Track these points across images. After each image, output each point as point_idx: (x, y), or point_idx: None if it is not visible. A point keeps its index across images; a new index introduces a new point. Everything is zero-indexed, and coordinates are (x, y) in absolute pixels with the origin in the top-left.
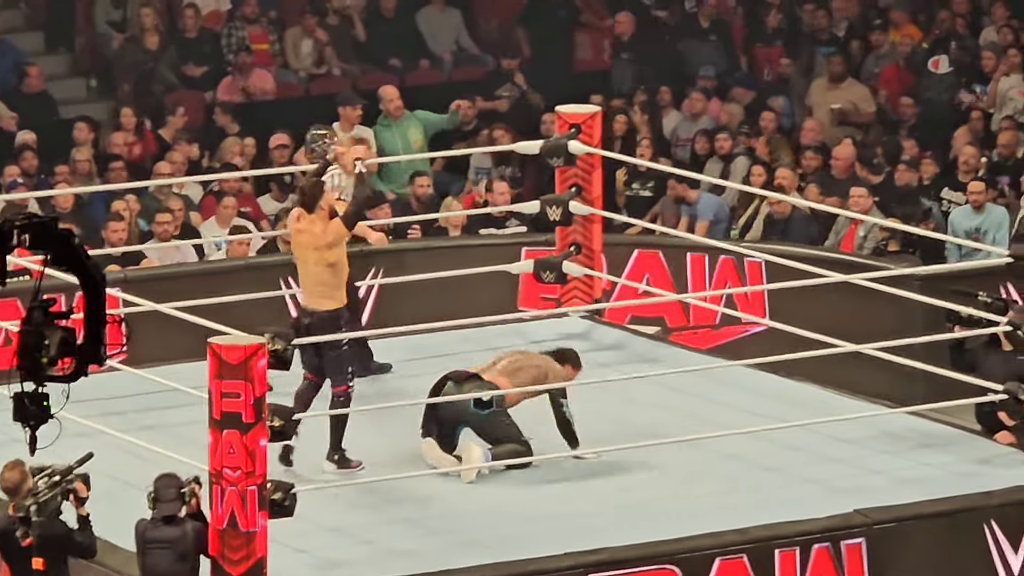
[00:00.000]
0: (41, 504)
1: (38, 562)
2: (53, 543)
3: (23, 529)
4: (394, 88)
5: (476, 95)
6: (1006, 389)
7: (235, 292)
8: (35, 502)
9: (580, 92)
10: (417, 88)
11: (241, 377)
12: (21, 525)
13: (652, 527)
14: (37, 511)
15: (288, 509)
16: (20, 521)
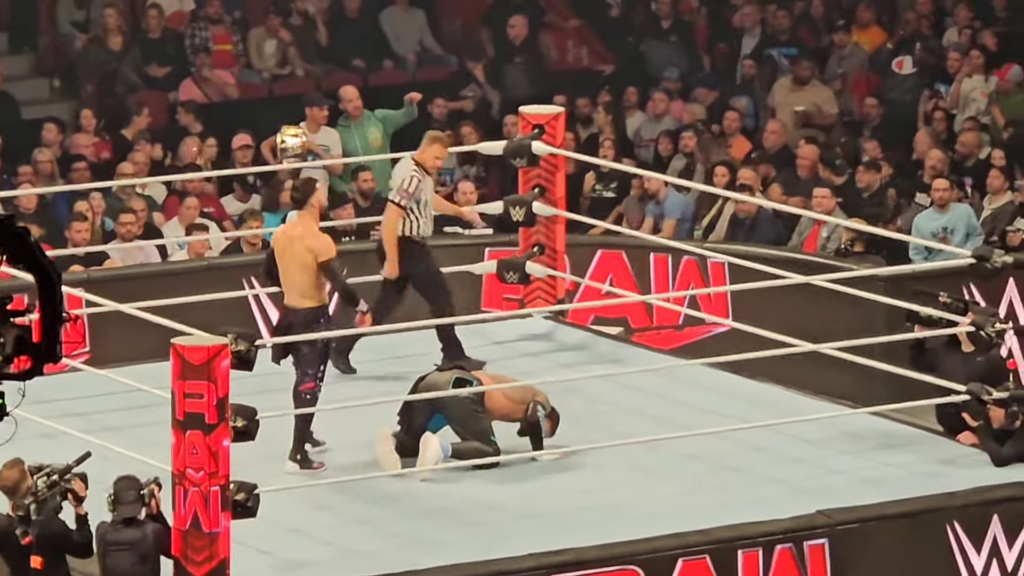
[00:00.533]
0: (40, 503)
1: (37, 561)
2: (52, 542)
3: (22, 528)
4: (354, 88)
5: (440, 95)
6: (969, 390)
7: (198, 292)
8: (34, 500)
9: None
10: (381, 89)
11: (204, 378)
12: (20, 524)
13: (615, 528)
14: (37, 510)
15: (251, 510)
16: (20, 520)
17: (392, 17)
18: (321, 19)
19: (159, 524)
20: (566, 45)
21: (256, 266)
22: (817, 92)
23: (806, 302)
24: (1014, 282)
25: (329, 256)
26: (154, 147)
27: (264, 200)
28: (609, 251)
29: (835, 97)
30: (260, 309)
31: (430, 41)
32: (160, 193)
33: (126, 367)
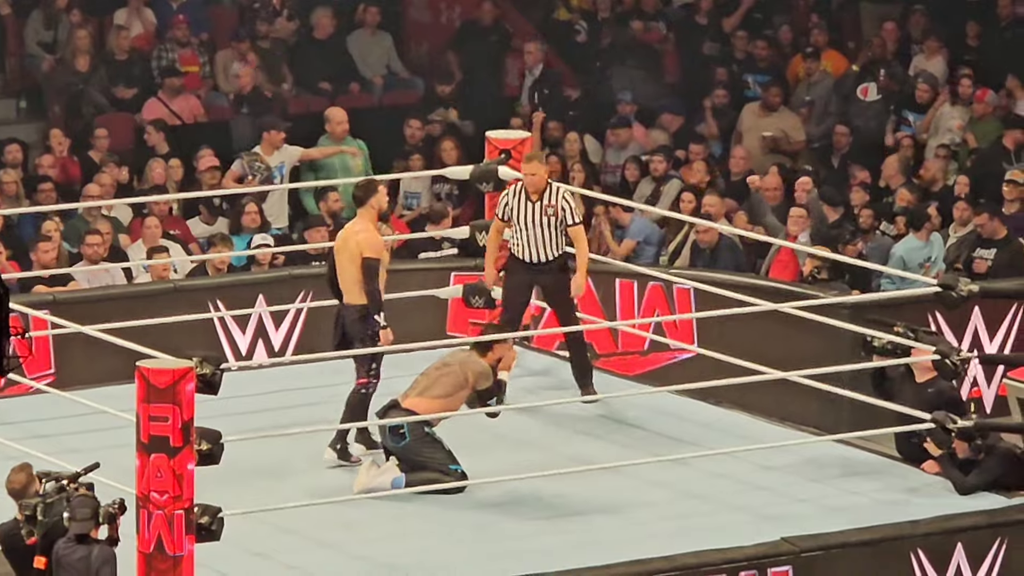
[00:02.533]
0: (47, 505)
1: (40, 561)
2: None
3: (28, 528)
4: (342, 111)
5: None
6: (934, 418)
7: (164, 315)
8: (42, 502)
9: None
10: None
11: (169, 401)
12: (27, 524)
13: (579, 554)
14: (43, 511)
15: (215, 533)
16: (26, 520)
17: (359, 40)
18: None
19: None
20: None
21: (222, 288)
22: (784, 118)
23: (772, 329)
24: (979, 311)
25: (372, 254)
26: (121, 168)
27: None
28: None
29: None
30: (225, 332)
31: (397, 65)
32: (126, 215)
33: (91, 389)
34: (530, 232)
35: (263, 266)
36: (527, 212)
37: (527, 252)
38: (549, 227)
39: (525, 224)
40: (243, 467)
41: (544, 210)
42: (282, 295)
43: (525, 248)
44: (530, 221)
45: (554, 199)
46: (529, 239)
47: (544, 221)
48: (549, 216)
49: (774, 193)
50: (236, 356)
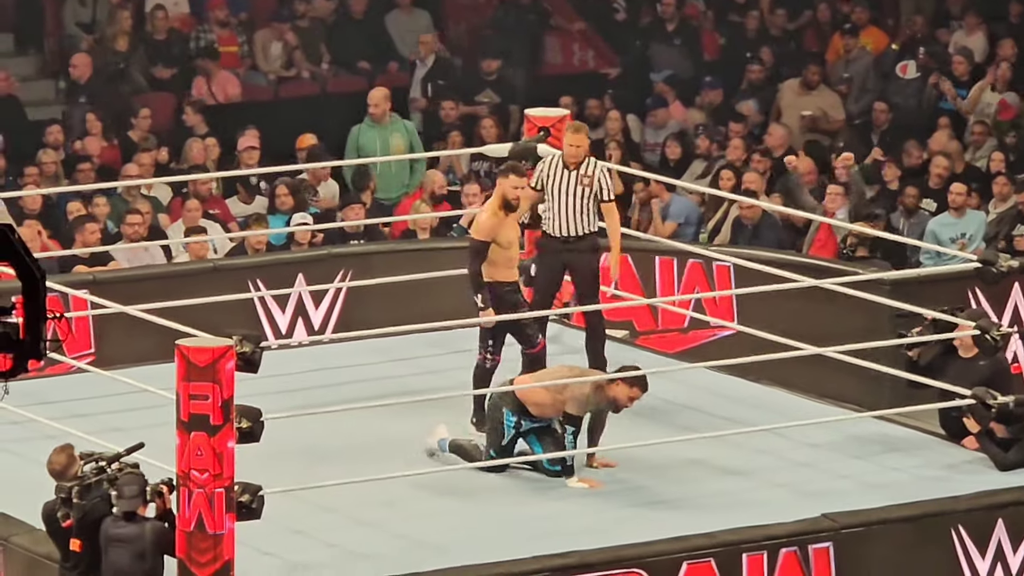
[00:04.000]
0: (84, 487)
1: (76, 544)
2: (93, 527)
3: (64, 511)
4: (381, 91)
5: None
6: (974, 394)
7: (203, 294)
8: (78, 485)
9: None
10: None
11: (209, 379)
12: (63, 507)
13: (619, 531)
14: (80, 493)
15: (255, 511)
16: (61, 503)
17: (397, 19)
18: (327, 21)
19: (160, 522)
20: (572, 48)
21: (262, 268)
22: (824, 96)
23: (811, 306)
24: (1020, 287)
25: (476, 235)
26: (160, 149)
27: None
28: None
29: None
30: (265, 311)
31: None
32: (166, 195)
33: (131, 368)
34: (562, 202)
35: (303, 245)
36: (562, 181)
37: (558, 225)
38: (583, 199)
39: (560, 193)
40: (283, 445)
41: (580, 179)
42: (321, 274)
43: (556, 220)
44: (564, 191)
45: (590, 171)
46: (561, 210)
47: (579, 191)
48: (584, 186)
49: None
50: (276, 335)
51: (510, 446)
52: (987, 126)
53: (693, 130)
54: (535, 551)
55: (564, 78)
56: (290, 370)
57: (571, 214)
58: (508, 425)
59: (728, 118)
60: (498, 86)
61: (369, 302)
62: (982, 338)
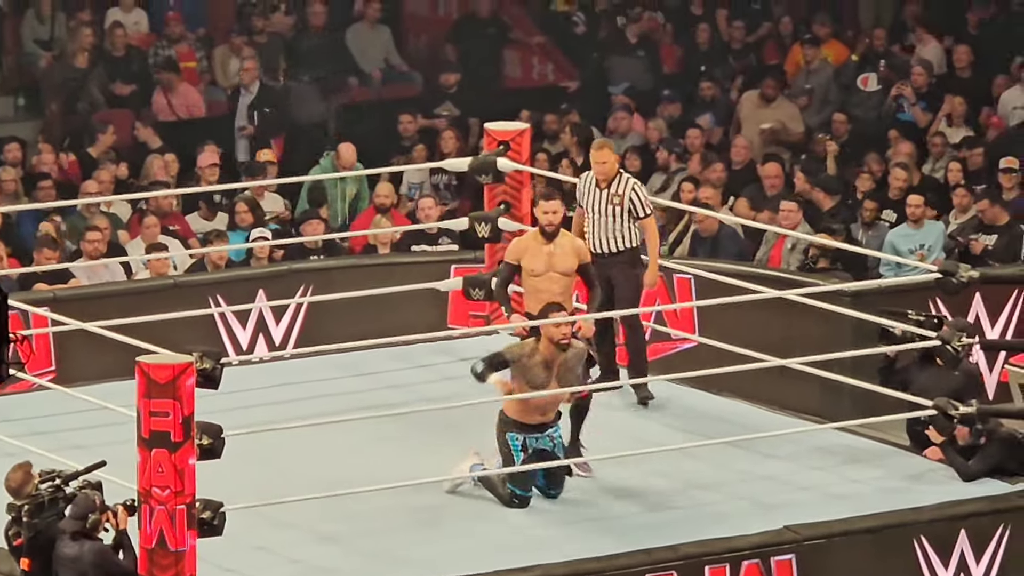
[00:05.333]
0: (36, 506)
1: (25, 563)
2: (47, 546)
3: (15, 529)
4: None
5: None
6: (935, 405)
7: (164, 311)
8: (30, 503)
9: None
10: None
11: (170, 396)
12: (13, 525)
13: (582, 544)
14: (30, 512)
15: (217, 528)
16: (12, 521)
17: (358, 34)
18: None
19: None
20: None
21: (222, 284)
22: (783, 109)
23: (773, 317)
24: (980, 297)
25: (505, 256)
26: (119, 165)
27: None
28: None
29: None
30: (226, 327)
31: (395, 58)
32: (125, 211)
33: (92, 385)
34: (597, 220)
35: (262, 260)
36: (595, 199)
37: (595, 241)
38: (615, 217)
39: (593, 211)
40: (245, 461)
41: (611, 199)
42: (282, 289)
43: (594, 236)
44: (598, 209)
45: (621, 189)
46: (596, 227)
47: (610, 210)
48: (615, 205)
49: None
50: (236, 351)
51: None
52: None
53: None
54: (497, 564)
55: (523, 92)
56: (251, 386)
57: (606, 231)
58: (515, 449)
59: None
60: (457, 100)
61: (330, 317)
62: (943, 348)
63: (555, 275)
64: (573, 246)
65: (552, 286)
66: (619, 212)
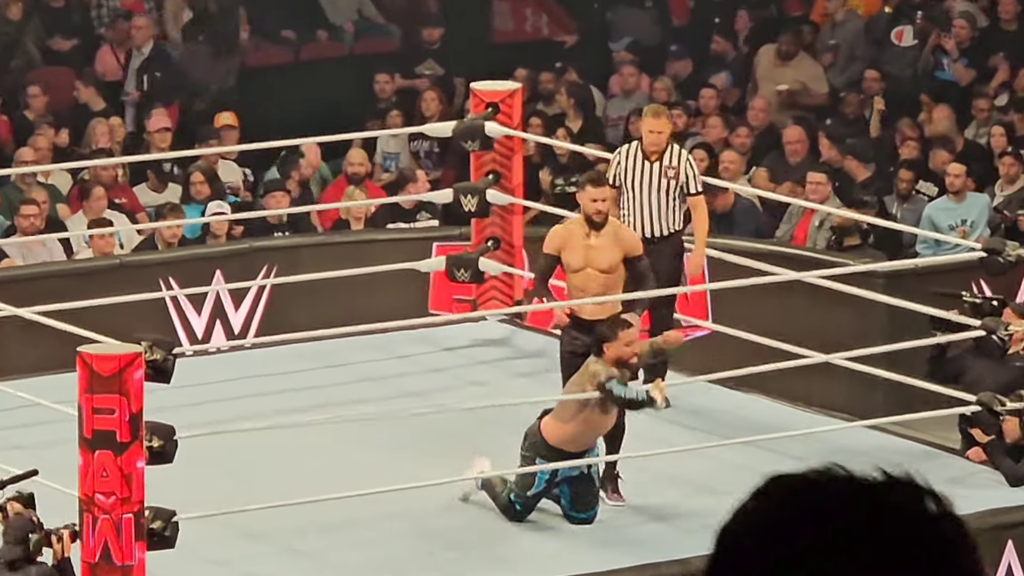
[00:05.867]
0: None
1: None
2: None
3: None
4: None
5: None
6: (979, 400)
7: (109, 294)
8: None
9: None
10: (315, 63)
11: (115, 391)
12: None
13: (584, 556)
14: None
15: (169, 540)
16: None
17: None
18: None
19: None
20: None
21: (174, 264)
22: (804, 68)
23: (796, 302)
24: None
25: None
26: (58, 130)
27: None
28: None
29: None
30: (179, 312)
31: (370, 9)
32: (65, 182)
33: (27, 379)
34: (644, 199)
35: (219, 238)
36: (643, 175)
37: (639, 223)
38: (668, 193)
39: (640, 189)
40: (201, 465)
41: (664, 172)
42: (242, 270)
43: (637, 218)
44: (646, 185)
45: (675, 160)
46: (643, 207)
47: (663, 185)
48: (669, 179)
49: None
50: (191, 340)
51: (537, 498)
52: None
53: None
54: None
55: (515, 47)
56: (207, 379)
57: (655, 211)
58: (541, 477)
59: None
60: (441, 56)
61: (296, 301)
62: (988, 339)
63: (592, 272)
64: (617, 237)
65: (589, 284)
66: (672, 188)
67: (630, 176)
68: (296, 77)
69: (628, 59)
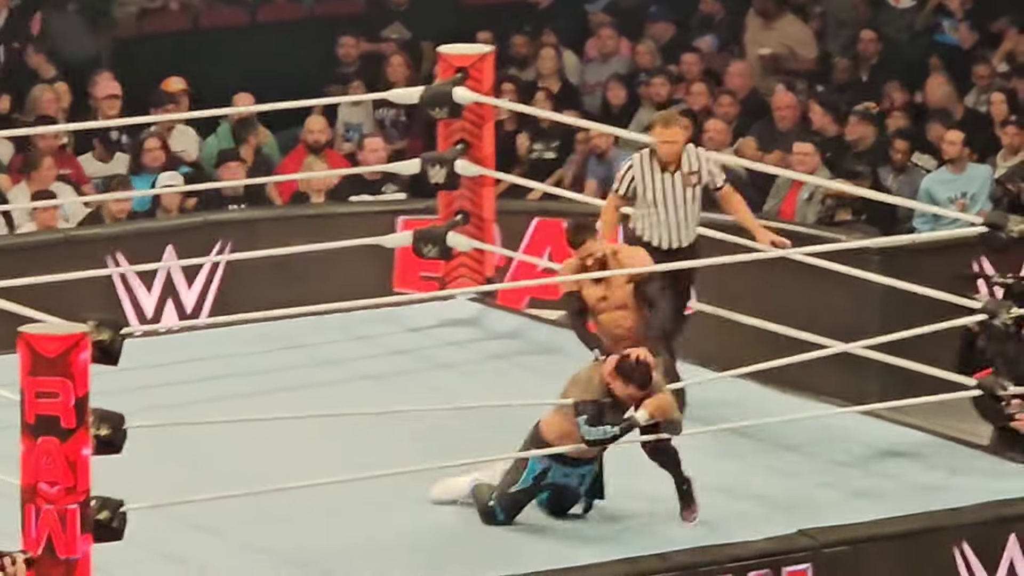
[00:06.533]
0: None
1: None
2: None
3: None
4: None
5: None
6: (981, 384)
7: (53, 271)
8: None
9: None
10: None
11: (59, 373)
12: None
13: (556, 551)
14: None
15: (117, 531)
16: None
17: None
18: None
19: None
20: None
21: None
22: (791, 30)
23: (785, 280)
24: None
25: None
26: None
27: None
28: (547, 219)
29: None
30: (127, 290)
31: None
32: (6, 152)
33: None
34: (669, 212)
35: (171, 212)
36: (663, 186)
37: (661, 235)
38: (693, 201)
39: (662, 202)
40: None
41: (686, 180)
42: (195, 246)
43: (658, 229)
44: (669, 198)
45: (695, 164)
46: (668, 220)
47: (687, 195)
48: (693, 187)
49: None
50: (140, 319)
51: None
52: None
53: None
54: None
55: (486, 8)
56: (157, 361)
57: (681, 223)
58: (530, 471)
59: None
60: (408, 19)
61: (253, 279)
62: (990, 323)
63: (617, 314)
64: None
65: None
66: (696, 195)
67: (649, 190)
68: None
69: (606, 21)
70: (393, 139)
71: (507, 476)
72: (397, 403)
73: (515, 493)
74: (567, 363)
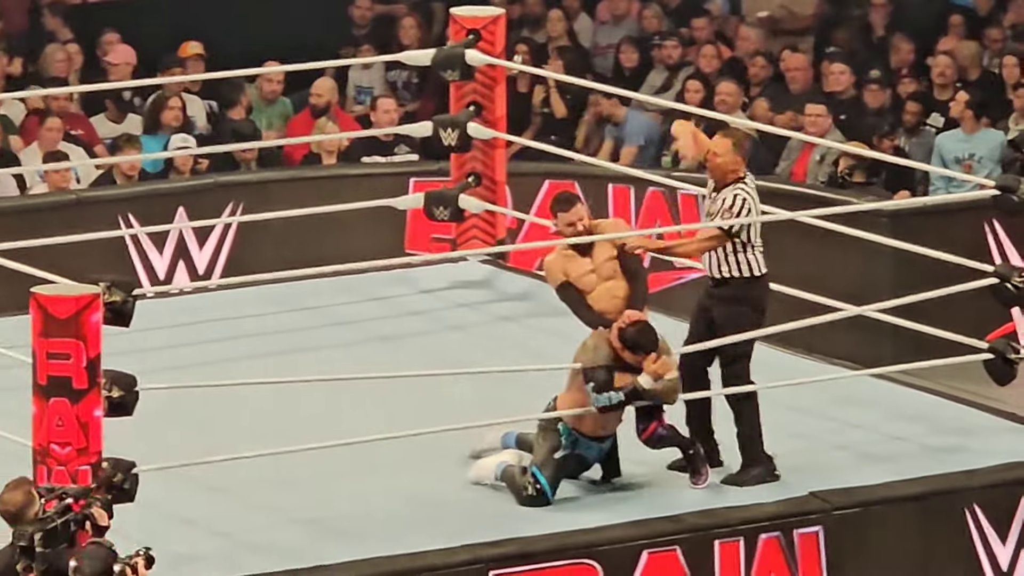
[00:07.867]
0: (49, 532)
1: None
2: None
3: (25, 562)
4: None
5: None
6: (991, 347)
7: (64, 232)
8: (41, 529)
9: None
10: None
11: (71, 335)
12: (23, 557)
13: (568, 514)
14: (43, 540)
15: (128, 493)
16: (22, 552)
17: None
18: None
19: None
20: None
21: (134, 200)
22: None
23: (796, 243)
24: None
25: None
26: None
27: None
28: (558, 181)
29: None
30: (139, 252)
31: None
32: (18, 113)
33: None
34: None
35: (183, 173)
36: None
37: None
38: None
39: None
40: (162, 414)
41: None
42: (207, 207)
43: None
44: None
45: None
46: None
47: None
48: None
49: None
50: (152, 280)
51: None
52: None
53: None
54: (466, 539)
55: None
56: (170, 323)
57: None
58: (567, 435)
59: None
60: None
61: (264, 240)
62: (1001, 287)
63: (608, 285)
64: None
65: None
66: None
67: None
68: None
69: None
70: (405, 101)
71: (544, 444)
72: (409, 365)
73: (559, 459)
74: (578, 325)
